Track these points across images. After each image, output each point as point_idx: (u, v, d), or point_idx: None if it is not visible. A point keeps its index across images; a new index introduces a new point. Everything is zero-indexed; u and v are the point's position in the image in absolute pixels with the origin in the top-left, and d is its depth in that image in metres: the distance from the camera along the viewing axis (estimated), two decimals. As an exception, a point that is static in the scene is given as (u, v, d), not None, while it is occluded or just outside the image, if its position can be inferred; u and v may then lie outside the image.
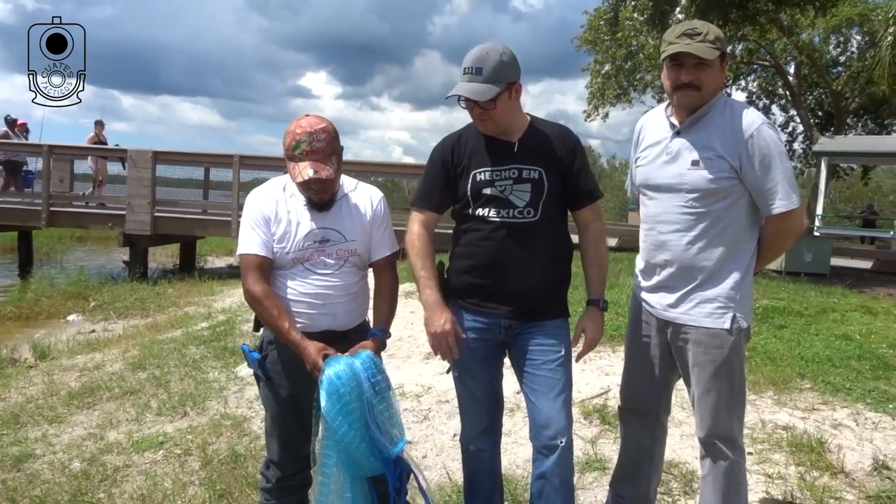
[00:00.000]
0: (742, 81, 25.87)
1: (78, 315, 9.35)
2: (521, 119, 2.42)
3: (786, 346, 5.05)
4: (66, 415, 4.67)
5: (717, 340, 2.31)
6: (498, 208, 2.35)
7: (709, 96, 2.27)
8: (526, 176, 2.34)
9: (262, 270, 2.34)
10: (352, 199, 2.45)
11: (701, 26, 2.24)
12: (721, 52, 2.24)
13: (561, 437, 2.30)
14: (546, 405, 2.33)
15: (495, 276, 2.37)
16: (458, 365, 2.50)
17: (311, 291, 2.35)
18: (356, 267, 2.42)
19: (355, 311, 2.44)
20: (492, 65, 2.24)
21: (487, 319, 2.40)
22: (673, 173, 2.35)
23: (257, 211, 2.37)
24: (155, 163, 12.29)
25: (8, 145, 13.95)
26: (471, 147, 2.41)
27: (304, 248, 2.34)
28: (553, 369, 2.35)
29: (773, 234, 2.33)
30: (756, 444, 3.46)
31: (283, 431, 2.48)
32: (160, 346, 6.32)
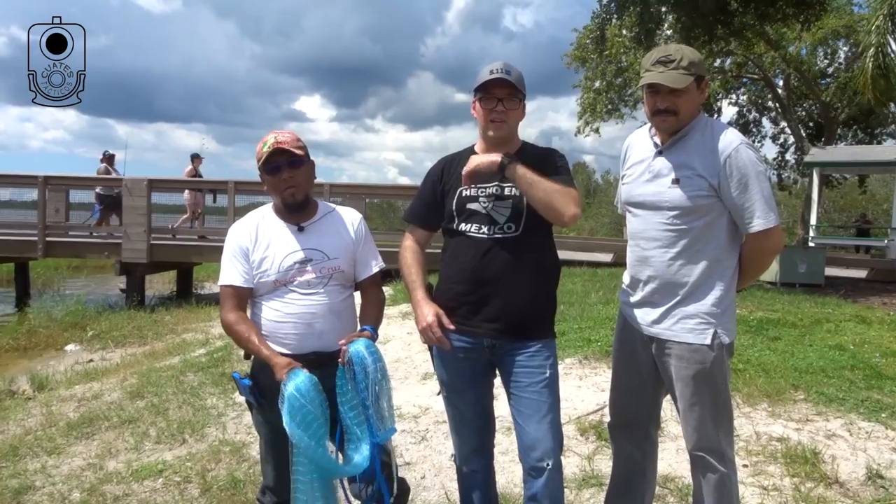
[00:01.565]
0: (732, 95, 26.14)
1: (76, 345, 9.35)
2: (516, 141, 2.52)
3: (780, 357, 5.08)
4: (65, 445, 4.67)
5: (699, 356, 2.35)
6: (480, 224, 2.41)
7: (687, 119, 2.34)
8: (507, 193, 2.41)
9: (238, 299, 2.42)
10: (331, 220, 2.51)
11: (675, 52, 2.31)
12: (697, 77, 2.30)
13: (548, 459, 2.32)
14: (532, 427, 2.35)
15: (477, 291, 2.41)
16: (446, 385, 2.54)
17: (296, 311, 2.38)
18: (341, 285, 2.46)
19: (342, 331, 2.43)
20: None
21: (471, 339, 2.43)
22: (654, 191, 2.41)
23: (235, 244, 2.45)
24: (150, 191, 12.36)
25: (105, 181, 13.86)
26: (461, 166, 2.48)
27: (286, 269, 2.39)
28: (538, 391, 2.37)
29: (752, 252, 2.38)
30: (751, 457, 3.49)
31: (276, 456, 2.50)
32: (158, 373, 6.33)
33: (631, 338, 2.58)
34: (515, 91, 2.39)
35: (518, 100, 2.42)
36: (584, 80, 21.74)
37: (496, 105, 2.39)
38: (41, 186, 12.73)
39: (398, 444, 4.01)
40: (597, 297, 7.57)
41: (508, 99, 2.39)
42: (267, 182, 2.41)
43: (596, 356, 5.32)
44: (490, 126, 2.42)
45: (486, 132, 2.46)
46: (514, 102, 2.41)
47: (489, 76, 2.37)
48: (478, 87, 2.41)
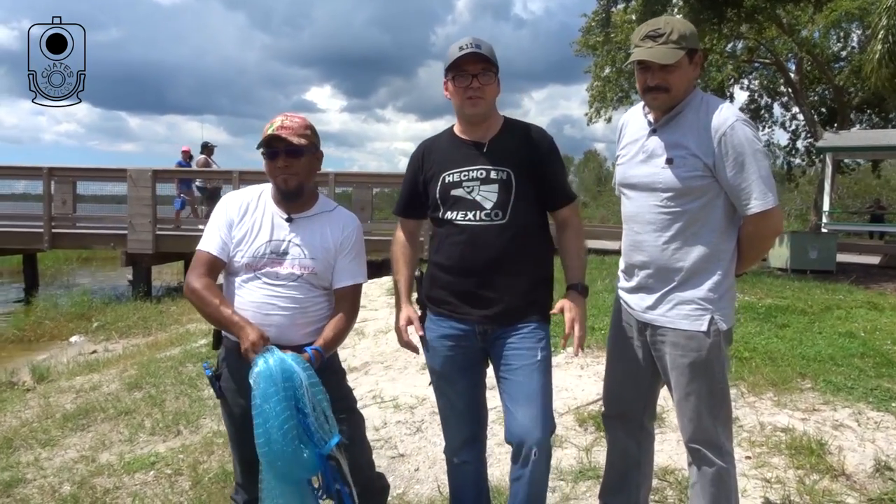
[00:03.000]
0: (744, 80, 25.77)
1: (80, 336, 9.35)
2: (496, 118, 2.41)
3: (787, 345, 4.95)
4: (60, 437, 4.63)
5: (695, 343, 2.25)
6: (465, 210, 2.32)
7: (680, 96, 2.23)
8: (494, 177, 2.31)
9: (209, 268, 2.30)
10: (324, 220, 2.39)
11: (664, 25, 2.19)
12: (688, 50, 2.18)
13: (535, 445, 2.24)
14: (520, 412, 2.27)
15: (466, 280, 2.33)
16: (436, 375, 2.47)
17: (257, 300, 2.27)
18: (311, 286, 2.33)
19: (306, 327, 2.32)
20: None
21: (463, 326, 2.36)
22: (648, 172, 2.31)
23: (223, 212, 2.36)
24: (155, 181, 12.34)
25: (204, 174, 13.90)
26: (442, 150, 2.42)
27: (259, 255, 2.29)
28: (528, 374, 2.29)
29: (750, 234, 2.27)
30: (754, 448, 3.38)
31: (242, 451, 2.39)
32: (157, 364, 6.29)
33: (627, 325, 2.49)
34: (489, 65, 2.29)
35: (492, 73, 2.31)
36: (594, 68, 21.47)
37: (471, 82, 2.28)
38: (46, 178, 12.75)
39: (393, 436, 3.93)
40: (602, 286, 7.44)
41: (483, 74, 2.28)
42: (265, 165, 2.33)
43: (599, 345, 5.21)
44: (466, 104, 2.31)
45: (462, 111, 2.35)
46: (489, 77, 2.30)
47: (459, 52, 2.26)
48: (449, 66, 2.29)
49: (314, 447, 2.04)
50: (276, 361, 2.04)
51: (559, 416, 3.97)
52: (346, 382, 2.49)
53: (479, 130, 2.37)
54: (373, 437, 3.93)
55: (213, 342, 2.46)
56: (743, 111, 23.10)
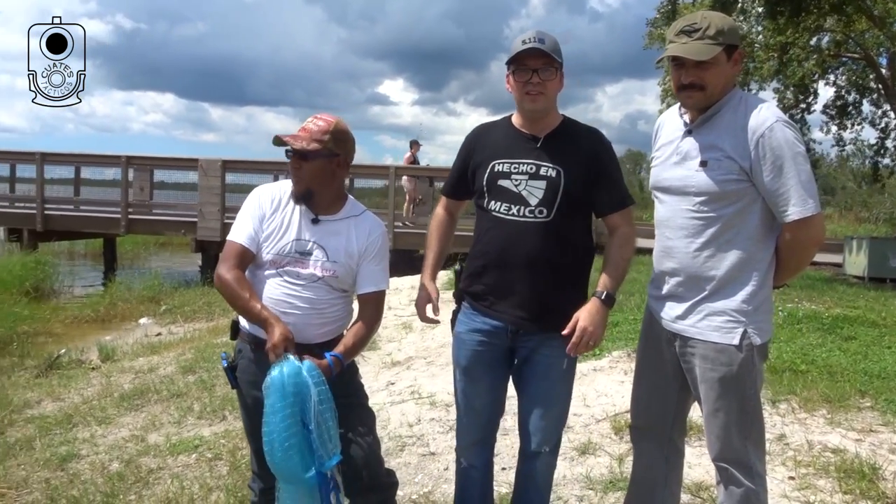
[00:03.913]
0: (830, 76, 24.49)
1: (149, 318, 9.76)
2: (555, 114, 2.37)
3: (850, 359, 4.67)
4: (115, 416, 4.84)
5: (725, 357, 2.14)
6: (510, 203, 2.28)
7: (716, 95, 2.11)
8: (543, 173, 2.27)
9: (240, 259, 2.32)
10: (350, 224, 2.39)
11: (700, 20, 2.08)
12: (726, 46, 2.06)
13: (545, 446, 2.29)
14: (539, 416, 2.29)
15: (503, 276, 2.31)
16: (461, 369, 2.45)
17: (275, 297, 2.29)
18: (331, 287, 2.34)
19: (321, 328, 2.33)
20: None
21: (496, 322, 2.33)
22: (682, 175, 2.20)
23: (256, 204, 2.38)
24: (224, 171, 12.73)
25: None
26: (497, 138, 2.39)
27: (284, 253, 2.31)
28: (553, 382, 2.29)
29: (789, 243, 2.13)
30: (799, 468, 3.19)
31: (256, 441, 2.42)
32: (213, 349, 6.48)
33: (656, 334, 2.38)
34: (551, 60, 2.23)
35: (554, 69, 2.25)
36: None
37: (531, 77, 2.23)
38: (124, 166, 13.33)
39: (426, 433, 3.92)
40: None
41: (544, 69, 2.23)
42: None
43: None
44: (526, 99, 2.27)
45: (522, 105, 2.31)
46: (551, 72, 2.24)
47: (521, 47, 2.21)
48: (510, 60, 2.25)
49: (313, 463, 2.06)
50: (289, 373, 2.04)
51: (596, 423, 3.89)
52: (358, 378, 2.50)
53: (537, 125, 2.33)
54: (405, 433, 3.95)
55: (231, 332, 2.49)
56: (829, 108, 21.90)
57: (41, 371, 6.29)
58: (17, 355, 7.23)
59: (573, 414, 4.02)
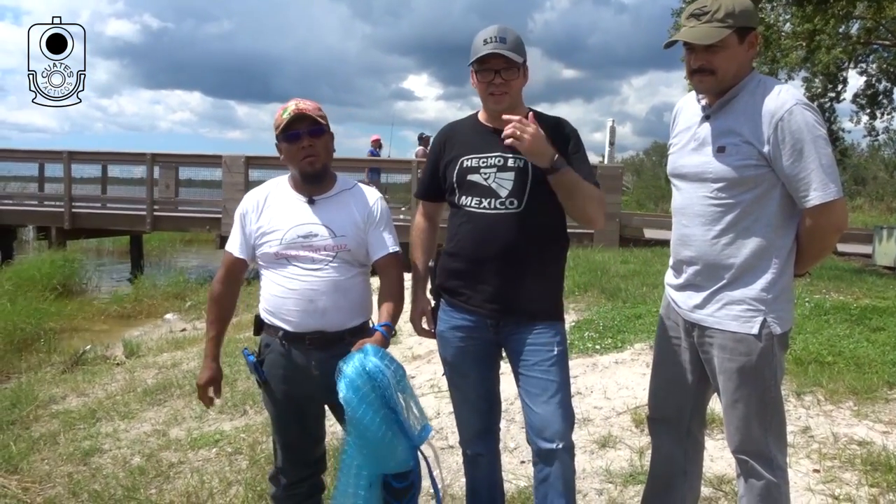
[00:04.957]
0: (862, 64, 23.96)
1: (174, 314, 9.87)
2: (520, 109, 2.33)
3: (878, 350, 4.54)
4: (139, 411, 4.89)
5: (744, 346, 2.09)
6: (481, 197, 2.27)
7: (728, 79, 2.06)
8: (511, 164, 2.26)
9: (229, 270, 2.43)
10: (345, 197, 2.40)
11: (711, 3, 2.02)
12: (737, 28, 2.00)
13: (558, 441, 2.20)
14: (540, 408, 2.23)
15: (478, 268, 2.29)
16: (448, 366, 2.44)
17: (298, 287, 2.29)
18: (348, 264, 2.34)
19: (348, 311, 2.34)
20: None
21: (475, 317, 2.32)
22: (699, 161, 2.15)
23: (240, 213, 2.42)
24: (248, 167, 12.82)
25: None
26: (464, 135, 2.39)
27: (289, 242, 2.30)
28: (546, 370, 2.24)
29: (810, 230, 2.07)
30: (824, 461, 3.12)
31: (284, 436, 2.46)
32: (235, 344, 6.51)
33: (674, 324, 2.35)
34: (512, 60, 2.20)
35: (516, 68, 2.23)
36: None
37: (493, 78, 2.21)
38: (149, 164, 13.50)
39: (445, 427, 3.90)
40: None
41: (506, 70, 2.21)
42: (284, 150, 2.33)
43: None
44: (490, 99, 2.26)
45: (486, 105, 2.31)
46: (513, 72, 2.22)
47: (483, 48, 2.20)
48: (473, 61, 2.23)
49: (407, 440, 2.10)
50: (355, 372, 2.05)
51: (616, 416, 3.84)
52: None
53: (502, 119, 2.29)
54: (424, 426, 3.93)
55: (255, 328, 2.50)
56: (859, 96, 21.46)
57: (67, 367, 6.38)
58: (45, 351, 7.36)
59: (593, 407, 3.99)
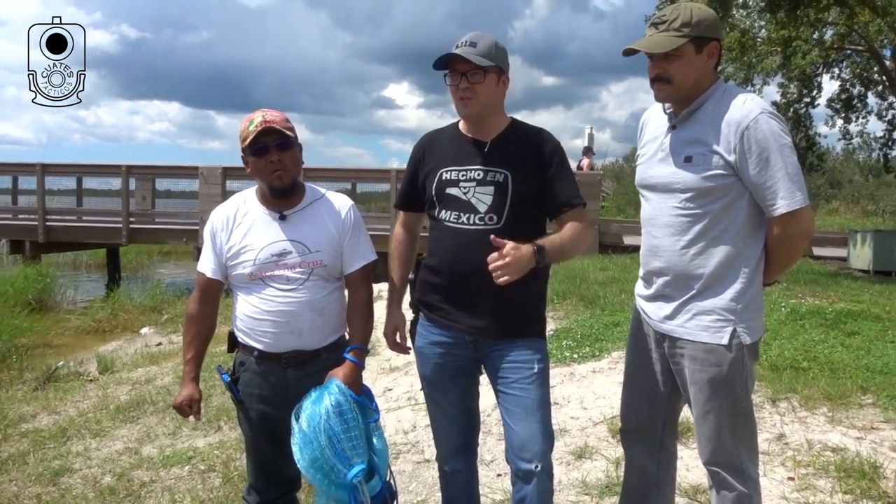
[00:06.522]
0: (835, 69, 24.32)
1: (150, 328, 9.73)
2: (501, 118, 2.31)
3: (852, 355, 4.58)
4: (111, 428, 4.80)
5: (714, 357, 2.08)
6: (459, 212, 2.23)
7: (686, 88, 2.07)
8: (490, 178, 2.21)
9: (203, 291, 2.38)
10: (317, 208, 2.35)
11: (670, 12, 2.04)
12: (694, 38, 2.00)
13: (537, 462, 2.16)
14: (519, 427, 2.19)
15: (457, 285, 2.25)
16: (426, 381, 2.41)
17: (274, 309, 2.25)
18: (323, 280, 2.30)
19: (324, 328, 2.32)
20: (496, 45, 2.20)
21: (454, 334, 2.28)
22: (667, 172, 2.15)
23: (209, 232, 2.37)
24: (225, 178, 12.72)
25: None
26: (444, 145, 2.34)
27: (263, 262, 2.25)
28: (525, 388, 2.20)
29: (778, 238, 2.07)
30: (799, 468, 3.12)
31: (258, 455, 2.43)
32: (211, 358, 6.41)
33: (645, 335, 2.34)
34: (475, 64, 2.16)
35: (482, 73, 2.17)
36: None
37: (460, 81, 2.18)
38: (124, 175, 13.35)
39: (421, 440, 3.86)
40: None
41: (472, 73, 2.17)
42: (252, 164, 2.26)
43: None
44: (459, 104, 2.23)
45: (457, 110, 2.27)
46: (478, 76, 2.17)
47: (451, 51, 2.18)
48: (440, 64, 2.21)
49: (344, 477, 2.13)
50: (307, 420, 2.15)
51: (593, 426, 3.82)
52: None
53: (482, 129, 2.28)
54: (400, 440, 3.89)
55: (229, 346, 2.46)
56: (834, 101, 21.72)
57: (39, 384, 6.25)
58: (16, 368, 7.21)
59: (570, 417, 3.97)
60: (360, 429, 2.17)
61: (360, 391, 2.27)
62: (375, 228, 8.84)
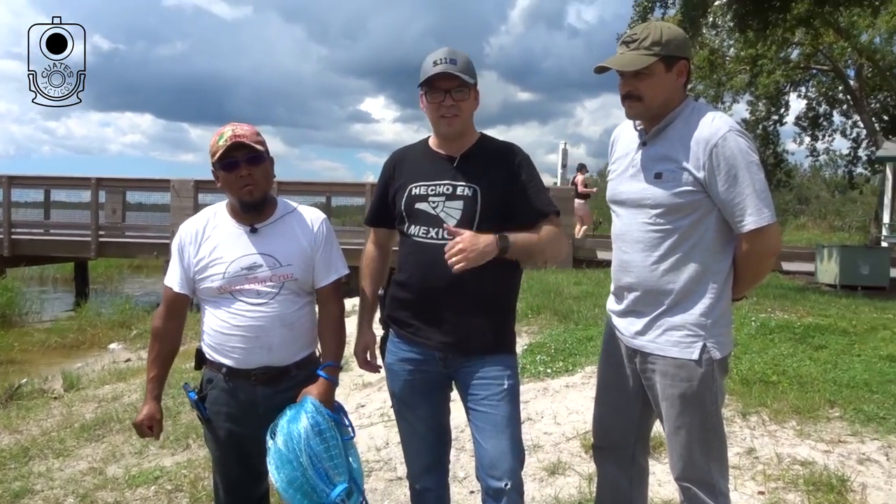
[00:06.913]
0: (801, 88, 24.92)
1: (119, 344, 9.55)
2: (471, 134, 2.31)
3: (820, 369, 4.64)
4: (75, 448, 4.67)
5: (685, 372, 2.09)
6: (428, 226, 2.22)
7: (656, 106, 2.09)
8: (460, 193, 2.21)
9: (169, 305, 2.34)
10: (288, 222, 2.32)
11: (641, 31, 2.07)
12: (664, 57, 2.03)
13: (507, 480, 2.14)
14: (489, 444, 2.17)
15: (426, 301, 2.23)
16: (396, 399, 2.38)
17: (244, 324, 2.21)
18: (294, 294, 2.27)
19: (294, 344, 2.29)
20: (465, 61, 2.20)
21: (424, 350, 2.26)
22: (637, 188, 2.17)
23: (177, 245, 2.33)
24: (197, 192, 12.58)
25: None
26: (414, 161, 2.33)
27: (232, 275, 2.22)
28: (495, 404, 2.18)
29: (746, 254, 2.10)
30: (769, 482, 3.14)
31: (226, 474, 2.39)
32: (180, 374, 6.31)
33: (616, 350, 2.34)
34: (463, 81, 2.18)
35: (467, 89, 2.20)
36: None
37: (444, 99, 2.17)
38: (94, 188, 13.14)
39: (393, 458, 3.82)
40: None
41: (457, 90, 2.17)
42: (222, 179, 2.24)
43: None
44: (441, 122, 2.21)
45: (438, 128, 2.26)
46: (464, 93, 2.19)
47: (433, 68, 2.16)
48: (422, 82, 2.19)
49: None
50: (284, 440, 2.11)
51: (566, 441, 3.82)
52: None
53: (453, 145, 2.28)
54: (373, 458, 3.85)
55: (196, 363, 2.41)
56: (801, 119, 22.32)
57: (1, 402, 6.09)
58: (-22, 386, 7.01)
59: (543, 433, 3.96)
60: (339, 447, 2.14)
61: (333, 408, 2.24)
62: (350, 242, 8.80)
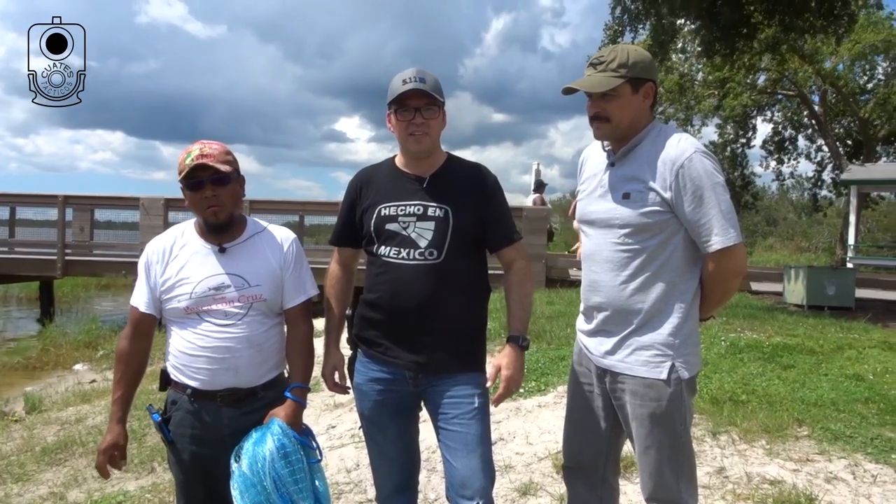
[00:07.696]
0: (767, 112, 25.52)
1: (84, 364, 9.33)
2: (439, 154, 2.32)
3: (788, 388, 4.70)
4: (35, 472, 4.53)
5: (654, 392, 2.10)
6: (399, 247, 2.20)
7: (623, 126, 2.12)
8: (431, 213, 2.21)
9: (135, 326, 2.29)
10: (258, 241, 2.29)
11: (608, 53, 2.11)
12: (631, 79, 2.06)
13: (478, 499, 2.12)
14: (460, 463, 2.16)
15: (396, 321, 2.21)
16: (365, 419, 2.35)
17: (210, 345, 2.17)
18: (263, 315, 2.24)
19: (262, 366, 2.25)
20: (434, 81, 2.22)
21: (394, 370, 2.24)
22: (606, 208, 2.19)
23: (143, 263, 2.29)
24: (167, 210, 12.42)
25: None
26: (381, 181, 2.32)
27: (200, 296, 2.18)
28: (465, 423, 2.17)
29: (712, 274, 2.12)
30: (738, 502, 3.15)
31: (189, 498, 2.33)
32: (147, 396, 6.17)
33: (586, 370, 2.34)
34: (433, 99, 2.18)
35: (437, 108, 2.21)
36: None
37: (414, 116, 2.17)
38: (60, 206, 12.90)
39: (364, 479, 3.76)
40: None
41: (426, 108, 2.18)
42: (188, 198, 2.20)
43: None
44: (410, 140, 2.21)
45: (406, 147, 2.25)
46: (433, 111, 2.20)
47: (402, 87, 2.16)
48: (392, 100, 2.19)
49: None
50: (248, 463, 2.07)
51: (538, 462, 3.80)
52: None
53: (421, 165, 2.28)
54: (343, 479, 3.79)
55: (161, 384, 2.36)
56: (768, 143, 22.81)
57: (-42, 425, 5.89)
58: (-65, 409, 6.78)
59: (515, 453, 3.94)
60: (304, 471, 2.10)
61: (301, 431, 2.20)
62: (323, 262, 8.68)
